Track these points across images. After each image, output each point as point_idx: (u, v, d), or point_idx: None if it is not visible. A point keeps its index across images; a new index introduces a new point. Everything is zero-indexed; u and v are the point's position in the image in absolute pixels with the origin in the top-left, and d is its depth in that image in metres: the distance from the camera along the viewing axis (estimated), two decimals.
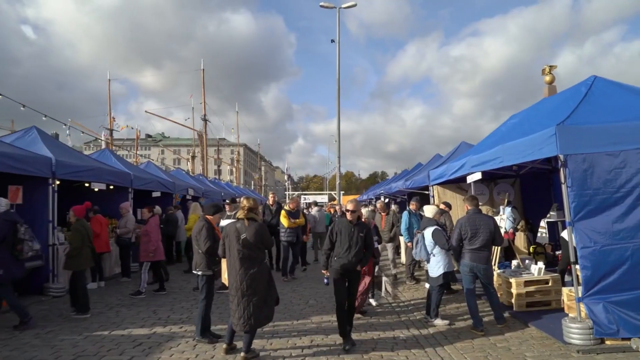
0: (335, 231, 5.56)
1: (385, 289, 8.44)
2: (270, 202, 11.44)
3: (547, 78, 11.44)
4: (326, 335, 5.89)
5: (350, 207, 5.63)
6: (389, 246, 10.54)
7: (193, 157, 58.88)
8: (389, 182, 23.42)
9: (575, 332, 5.03)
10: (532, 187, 11.10)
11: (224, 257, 5.08)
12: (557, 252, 10.38)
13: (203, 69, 46.36)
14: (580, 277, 5.21)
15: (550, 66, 11.78)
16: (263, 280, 4.89)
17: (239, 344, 5.08)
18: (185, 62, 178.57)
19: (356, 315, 6.74)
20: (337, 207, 18.50)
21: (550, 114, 6.80)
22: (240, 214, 5.06)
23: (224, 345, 5.17)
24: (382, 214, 10.87)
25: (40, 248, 8.03)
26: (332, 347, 5.42)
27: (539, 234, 9.85)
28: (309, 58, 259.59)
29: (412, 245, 7.00)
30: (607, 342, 4.97)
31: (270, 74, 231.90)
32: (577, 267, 5.26)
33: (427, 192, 11.57)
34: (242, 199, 5.34)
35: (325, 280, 7.61)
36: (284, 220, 10.39)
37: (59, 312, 7.11)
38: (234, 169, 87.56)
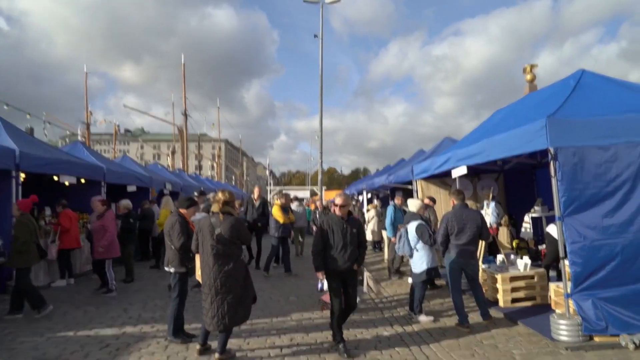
0: (326, 228, 5.01)
1: (367, 284, 8.22)
2: (255, 197, 10.83)
3: (528, 77, 11.46)
4: (306, 333, 5.62)
5: (339, 201, 5.11)
6: None
7: (173, 153, 57.82)
8: (372, 177, 23.25)
9: (563, 328, 4.87)
10: (516, 182, 11.04)
11: (198, 252, 4.75)
12: (540, 247, 10.35)
13: (184, 64, 45.35)
14: (569, 273, 5.06)
15: (531, 65, 11.77)
16: (239, 277, 4.58)
17: (215, 344, 4.76)
18: (165, 57, 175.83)
19: None
20: (319, 203, 18.20)
21: (538, 107, 6.64)
22: (215, 207, 4.74)
23: (198, 346, 4.85)
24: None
25: (3, 244, 7.59)
26: (313, 346, 5.16)
27: (522, 229, 9.75)
28: (291, 55, 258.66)
29: (396, 240, 6.77)
30: (596, 339, 4.83)
31: (253, 71, 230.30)
32: (566, 262, 5.10)
33: (410, 187, 11.41)
34: (217, 191, 4.99)
35: (319, 285, 7.01)
36: (279, 216, 9.93)
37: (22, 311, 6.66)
38: (215, 165, 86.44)
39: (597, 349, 4.69)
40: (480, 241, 6.57)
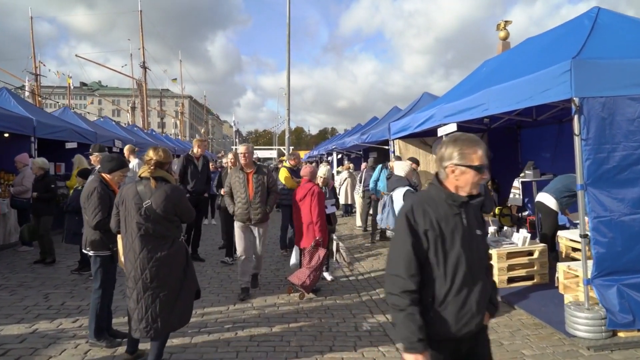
0: (423, 230, 1.91)
1: (340, 254, 7.19)
2: (196, 154, 7.55)
3: (502, 34, 10.78)
4: (270, 327, 4.56)
5: (480, 160, 1.95)
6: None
7: (133, 108, 54.65)
8: (342, 136, 22.12)
9: (583, 322, 3.98)
10: (499, 143, 10.14)
11: (119, 232, 3.52)
12: (524, 214, 9.63)
13: (141, 11, 42.02)
14: (590, 254, 4.15)
15: (505, 21, 11.00)
16: (176, 267, 3.39)
17: (148, 346, 3.60)
18: (121, 1, 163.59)
19: (309, 296, 5.49)
20: (290, 161, 16.85)
21: (546, 51, 5.58)
22: (144, 170, 3.48)
23: (126, 355, 3.71)
24: (248, 171, 5.88)
25: None
26: (278, 346, 4.11)
27: (511, 195, 8.93)
28: (259, 4, 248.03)
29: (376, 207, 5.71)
30: (621, 334, 3.98)
31: (218, 21, 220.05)
32: (587, 241, 4.17)
33: (386, 147, 10.38)
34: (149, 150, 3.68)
35: None
36: (287, 181, 7.86)
37: None
38: (178, 122, 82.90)
39: (625, 348, 3.85)
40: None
